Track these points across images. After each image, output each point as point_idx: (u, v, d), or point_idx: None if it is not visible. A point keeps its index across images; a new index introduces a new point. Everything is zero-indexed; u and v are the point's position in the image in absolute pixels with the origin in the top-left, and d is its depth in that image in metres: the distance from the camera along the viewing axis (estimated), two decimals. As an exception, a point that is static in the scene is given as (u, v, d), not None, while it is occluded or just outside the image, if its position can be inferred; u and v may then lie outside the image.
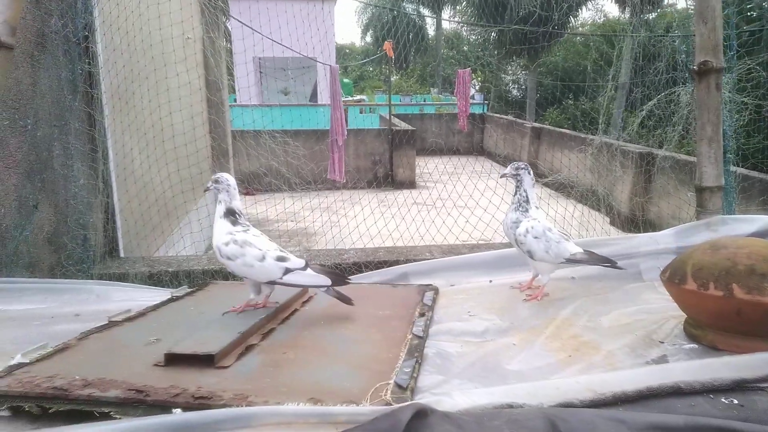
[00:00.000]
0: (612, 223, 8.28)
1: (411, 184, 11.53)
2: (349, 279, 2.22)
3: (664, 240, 2.60)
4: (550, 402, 1.35)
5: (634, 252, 2.61)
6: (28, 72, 3.13)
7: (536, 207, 2.37)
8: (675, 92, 3.90)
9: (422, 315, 2.09)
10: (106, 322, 2.00)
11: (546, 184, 10.76)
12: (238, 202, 2.10)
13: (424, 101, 19.83)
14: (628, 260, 2.62)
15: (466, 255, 2.82)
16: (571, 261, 2.25)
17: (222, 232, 2.03)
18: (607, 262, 2.28)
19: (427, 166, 12.55)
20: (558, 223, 7.06)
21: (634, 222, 7.73)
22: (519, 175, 2.35)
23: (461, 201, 7.44)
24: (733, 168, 3.57)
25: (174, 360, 1.62)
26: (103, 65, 3.60)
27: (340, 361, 1.65)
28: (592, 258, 2.28)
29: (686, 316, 1.92)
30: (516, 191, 2.37)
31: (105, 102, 3.58)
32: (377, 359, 1.67)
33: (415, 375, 1.56)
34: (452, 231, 6.33)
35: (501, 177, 2.40)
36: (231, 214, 2.06)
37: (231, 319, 1.98)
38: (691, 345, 1.82)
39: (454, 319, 2.10)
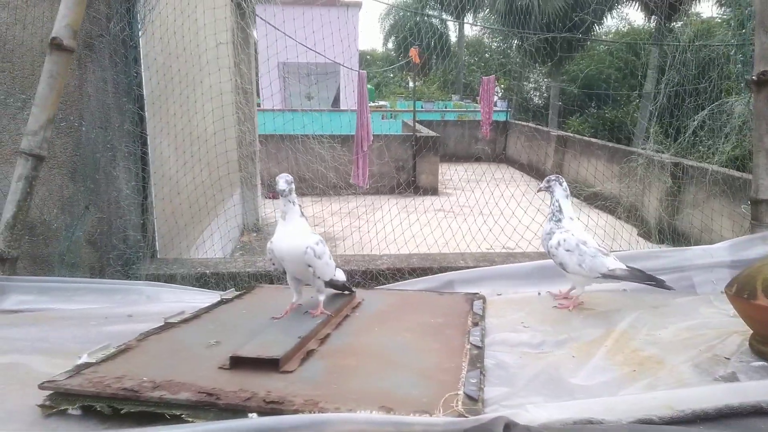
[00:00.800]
0: (640, 235, 8.17)
1: (434, 191, 11.51)
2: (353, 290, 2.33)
3: (718, 253, 2.55)
4: (629, 418, 1.32)
5: (687, 265, 2.57)
6: (75, 74, 3.20)
7: (571, 218, 2.32)
8: (728, 102, 3.83)
9: (476, 324, 2.07)
10: (163, 323, 2.01)
11: (574, 195, 10.68)
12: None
13: (446, 108, 19.83)
14: (680, 273, 2.58)
15: (513, 264, 2.79)
16: (609, 276, 2.18)
17: (307, 231, 2.06)
18: (653, 280, 2.17)
19: (449, 173, 12.53)
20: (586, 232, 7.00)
21: (664, 233, 7.61)
22: (550, 186, 2.36)
23: (485, 209, 7.41)
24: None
25: (239, 363, 1.62)
26: (146, 68, 3.66)
27: (403, 370, 1.64)
28: (635, 275, 2.18)
29: (752, 332, 1.88)
30: (551, 202, 2.36)
31: (147, 105, 3.64)
32: (441, 368, 1.65)
33: (482, 386, 1.55)
34: (475, 239, 6.30)
35: (538, 192, 2.40)
36: (303, 215, 2.10)
37: (287, 323, 1.99)
38: (761, 362, 1.77)
39: (508, 330, 2.08)
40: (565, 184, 2.37)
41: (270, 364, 1.61)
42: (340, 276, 2.29)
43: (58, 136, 3.18)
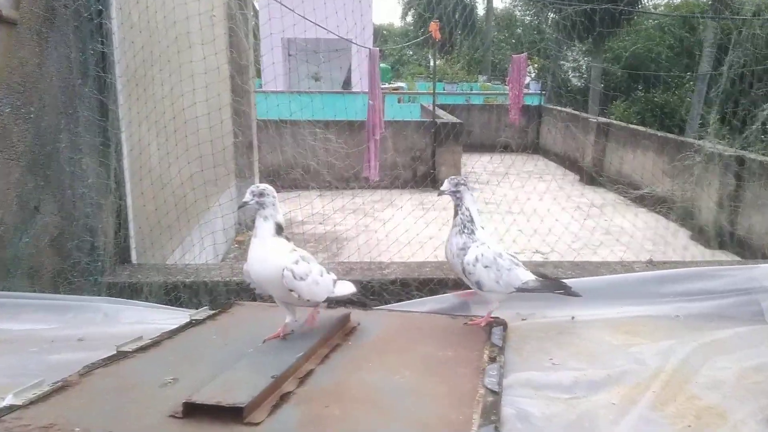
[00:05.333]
0: (693, 238, 7.87)
1: (456, 185, 11.30)
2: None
3: (795, 273, 2.33)
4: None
5: (754, 287, 2.35)
6: (34, 51, 3.06)
7: (482, 227, 2.26)
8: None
9: (493, 360, 1.90)
10: (114, 353, 1.87)
11: (614, 190, 10.36)
12: (281, 216, 2.00)
13: (471, 90, 19.55)
14: (746, 296, 2.37)
15: (541, 281, 2.59)
16: (523, 290, 2.21)
17: (284, 250, 1.94)
18: (561, 288, 2.25)
19: (473, 165, 12.30)
20: (631, 235, 6.73)
21: (723, 239, 7.30)
22: (459, 192, 2.24)
23: (513, 206, 7.19)
24: None
25: (194, 410, 1.47)
26: (118, 45, 3.52)
27: (399, 422, 1.47)
28: (546, 285, 2.26)
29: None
30: (456, 211, 2.25)
31: (120, 88, 3.49)
32: (446, 421, 1.48)
33: (496, 448, 1.37)
34: (503, 240, 6.08)
35: (439, 195, 2.29)
36: (281, 230, 1.98)
37: (262, 355, 1.83)
38: None
39: (533, 367, 1.90)
40: (472, 188, 2.26)
41: (232, 414, 1.45)
42: (345, 290, 2.14)
43: (15, 122, 3.05)
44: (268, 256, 1.91)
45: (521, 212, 6.68)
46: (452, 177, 2.28)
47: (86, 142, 3.16)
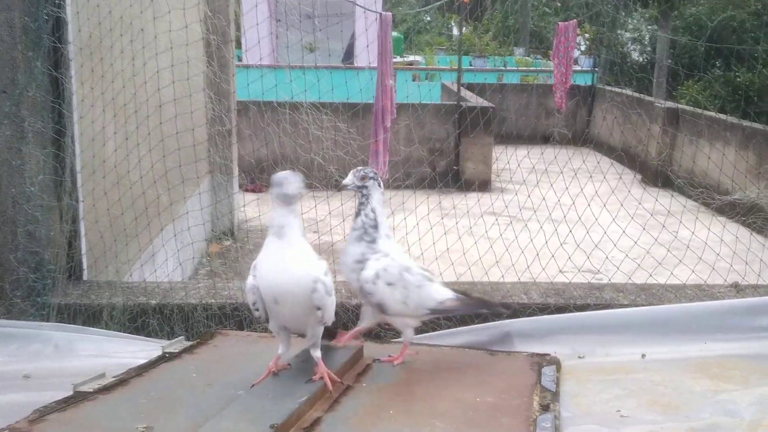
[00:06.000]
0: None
1: (484, 185, 11.27)
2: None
3: None
4: None
5: None
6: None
7: (387, 235, 2.24)
8: None
9: (546, 408, 1.92)
10: (71, 393, 1.90)
11: (686, 194, 10.33)
12: None
13: (505, 66, 19.56)
14: None
15: (602, 312, 2.63)
16: (439, 312, 2.26)
17: (312, 257, 1.98)
18: (485, 305, 2.45)
19: (507, 160, 12.32)
20: (713, 253, 6.70)
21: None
22: (366, 187, 2.18)
23: (556, 213, 7.17)
24: None
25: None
26: (69, 5, 3.55)
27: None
28: (468, 304, 2.33)
29: None
30: (359, 211, 2.20)
31: (71, 59, 3.53)
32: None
33: None
34: (540, 259, 6.06)
35: (339, 190, 2.32)
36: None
37: (256, 399, 1.85)
38: None
39: (597, 420, 1.92)
40: (382, 183, 2.23)
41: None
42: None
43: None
44: (297, 263, 1.92)
45: (566, 220, 6.67)
46: (359, 168, 2.23)
47: (33, 129, 3.20)
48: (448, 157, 11.51)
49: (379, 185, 2.22)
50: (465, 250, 5.93)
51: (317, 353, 2.01)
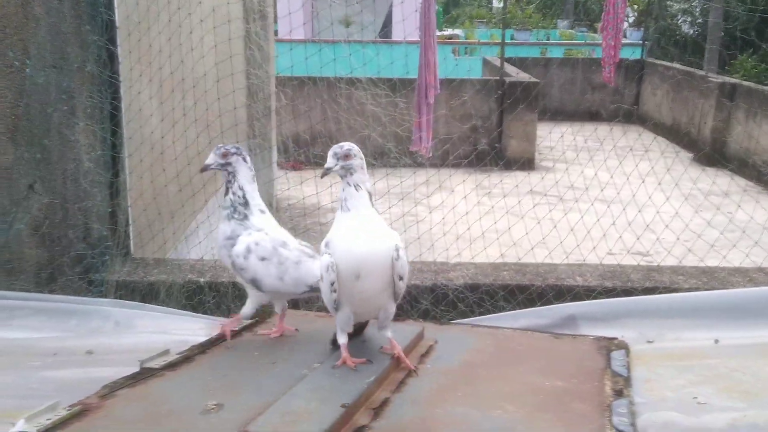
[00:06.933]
0: None
1: (528, 164, 11.19)
2: None
3: None
4: None
5: None
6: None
7: (262, 210, 2.28)
8: None
9: (619, 394, 1.91)
10: (138, 370, 1.94)
11: (742, 173, 10.08)
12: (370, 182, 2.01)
13: (548, 39, 19.29)
14: None
15: (671, 295, 2.60)
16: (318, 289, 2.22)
17: (386, 227, 1.99)
18: None
19: (551, 137, 12.17)
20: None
21: None
22: (230, 164, 2.22)
23: (606, 192, 7.08)
24: None
25: (251, 446, 1.52)
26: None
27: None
28: None
29: None
30: (227, 189, 2.24)
31: (120, 36, 3.58)
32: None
33: None
34: (591, 238, 5.98)
35: (202, 171, 2.33)
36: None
37: (323, 378, 1.88)
38: None
39: (673, 406, 1.89)
40: (249, 158, 2.24)
41: (301, 452, 1.49)
42: None
43: (-8, 77, 3.16)
44: (375, 234, 1.93)
45: (617, 201, 6.58)
46: (219, 145, 2.25)
47: (82, 105, 3.26)
48: (489, 134, 11.41)
49: (245, 160, 2.24)
50: (508, 229, 5.90)
51: (388, 333, 2.03)
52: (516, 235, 5.83)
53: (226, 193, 2.24)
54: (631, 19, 18.39)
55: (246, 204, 2.22)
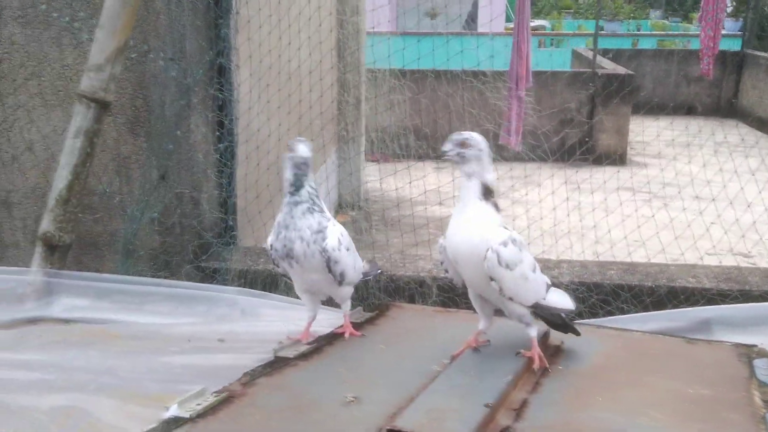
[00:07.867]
0: None
1: (620, 159, 10.88)
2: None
3: None
4: None
5: None
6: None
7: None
8: None
9: (771, 404, 1.81)
10: (272, 359, 1.97)
11: None
12: (492, 176, 1.96)
13: (639, 30, 18.71)
14: None
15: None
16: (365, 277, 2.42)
17: (492, 223, 1.93)
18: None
19: (645, 132, 11.82)
20: None
21: None
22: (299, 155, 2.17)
23: (704, 190, 6.80)
24: None
25: (399, 441, 1.52)
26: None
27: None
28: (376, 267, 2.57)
29: None
30: (302, 183, 2.15)
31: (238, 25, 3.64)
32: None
33: None
34: (686, 236, 5.74)
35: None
36: (490, 195, 1.95)
37: (459, 376, 1.87)
38: None
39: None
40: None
41: (448, 449, 1.48)
42: (558, 301, 2.07)
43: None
44: (472, 226, 1.91)
45: (715, 198, 6.33)
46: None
47: (198, 95, 3.33)
48: (580, 128, 11.16)
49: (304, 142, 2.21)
50: (608, 227, 5.74)
51: (531, 332, 1.99)
52: (607, 232, 5.68)
53: (302, 187, 2.16)
54: (729, 9, 17.64)
55: (318, 196, 2.21)
